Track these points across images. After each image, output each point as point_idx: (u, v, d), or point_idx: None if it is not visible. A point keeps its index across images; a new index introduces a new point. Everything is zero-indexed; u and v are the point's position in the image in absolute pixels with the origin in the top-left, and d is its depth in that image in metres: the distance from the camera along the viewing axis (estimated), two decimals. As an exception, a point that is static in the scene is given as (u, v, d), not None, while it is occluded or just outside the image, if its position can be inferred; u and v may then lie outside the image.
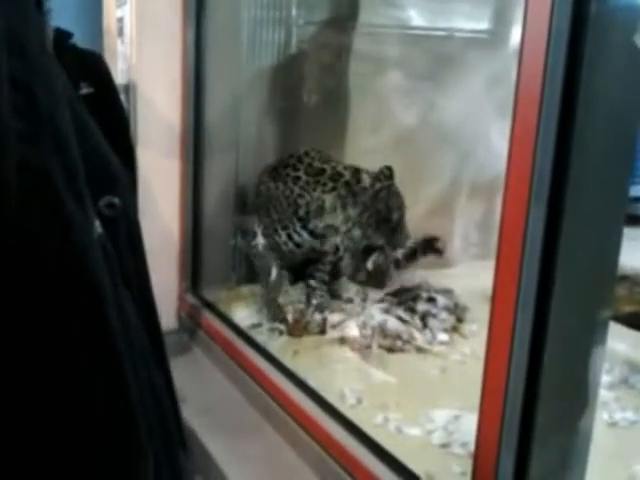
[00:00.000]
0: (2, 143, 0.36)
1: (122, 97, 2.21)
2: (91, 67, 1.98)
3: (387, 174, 2.09)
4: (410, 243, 2.30)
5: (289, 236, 2.13)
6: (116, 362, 0.41)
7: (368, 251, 2.14)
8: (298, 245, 2.14)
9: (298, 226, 2.11)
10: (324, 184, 2.07)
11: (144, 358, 0.49)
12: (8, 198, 0.36)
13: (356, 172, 2.06)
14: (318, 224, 2.08)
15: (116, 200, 0.52)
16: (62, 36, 1.87)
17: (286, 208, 2.11)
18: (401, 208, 2.07)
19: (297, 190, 2.09)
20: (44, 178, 0.38)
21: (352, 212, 2.02)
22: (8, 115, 0.37)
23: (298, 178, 2.10)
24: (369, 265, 2.10)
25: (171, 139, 2.36)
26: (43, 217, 0.38)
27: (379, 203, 2.02)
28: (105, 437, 0.41)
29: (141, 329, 0.50)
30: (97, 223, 0.47)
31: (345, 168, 2.09)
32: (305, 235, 2.11)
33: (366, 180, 2.03)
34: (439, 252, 2.47)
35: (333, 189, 2.05)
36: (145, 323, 0.54)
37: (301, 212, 2.09)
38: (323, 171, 2.09)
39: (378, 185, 2.03)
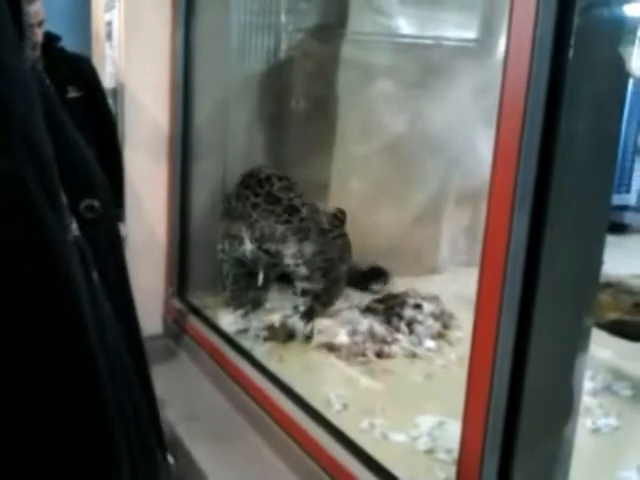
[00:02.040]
0: None
1: (110, 101, 2.21)
2: (79, 71, 1.98)
3: (341, 218, 2.16)
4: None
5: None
6: (90, 363, 0.42)
7: (303, 293, 2.16)
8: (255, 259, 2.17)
9: (254, 245, 2.13)
10: (278, 215, 2.09)
11: (121, 359, 0.49)
12: None
13: (315, 211, 2.09)
14: (271, 246, 2.10)
15: (96, 203, 0.52)
16: (50, 39, 1.86)
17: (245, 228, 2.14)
18: (349, 261, 2.13)
19: (255, 216, 2.11)
20: (19, 187, 0.39)
21: (307, 250, 2.05)
22: None
23: (257, 205, 2.12)
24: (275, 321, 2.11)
25: (159, 143, 2.35)
26: (18, 224, 0.38)
27: (333, 251, 2.04)
28: (78, 440, 0.41)
29: (118, 329, 0.51)
30: (74, 226, 0.47)
31: (303, 204, 2.12)
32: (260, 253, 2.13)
33: (324, 223, 2.08)
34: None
35: (287, 222, 2.07)
36: (124, 323, 0.54)
37: (257, 234, 2.11)
38: (279, 200, 2.11)
39: (336, 231, 2.06)
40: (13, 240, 0.38)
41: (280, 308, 2.21)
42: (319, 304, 2.11)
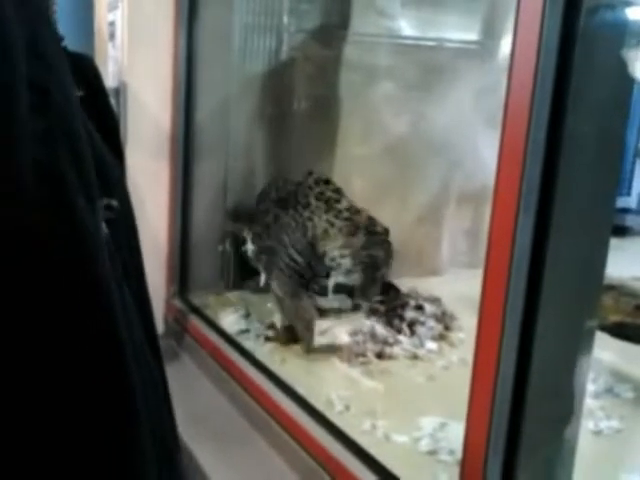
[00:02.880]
0: (18, 143, 0.36)
1: (112, 101, 2.21)
2: (82, 70, 1.97)
3: (384, 234, 2.21)
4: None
5: (291, 257, 2.15)
6: (121, 360, 0.41)
7: (340, 289, 2.19)
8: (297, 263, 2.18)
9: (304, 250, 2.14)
10: (339, 211, 2.15)
11: (144, 355, 0.49)
12: (22, 197, 0.36)
13: (371, 218, 2.17)
14: (319, 248, 2.13)
15: (114, 202, 0.52)
16: (53, 39, 1.87)
17: (295, 232, 2.15)
18: (389, 268, 2.16)
19: (306, 214, 2.14)
20: (58, 179, 0.39)
21: (355, 243, 2.09)
22: (26, 115, 0.37)
23: (309, 204, 2.16)
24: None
25: (161, 143, 2.36)
26: (55, 217, 0.38)
27: (379, 251, 2.09)
28: (108, 436, 0.41)
29: (140, 326, 0.51)
30: (103, 224, 0.47)
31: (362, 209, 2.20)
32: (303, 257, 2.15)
33: (379, 227, 2.14)
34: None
35: (347, 219, 2.13)
36: (142, 320, 0.54)
37: (309, 234, 2.13)
38: (339, 201, 2.19)
39: (384, 237, 2.14)
40: (49, 231, 0.38)
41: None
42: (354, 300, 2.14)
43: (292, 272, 2.11)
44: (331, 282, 2.16)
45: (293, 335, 2.05)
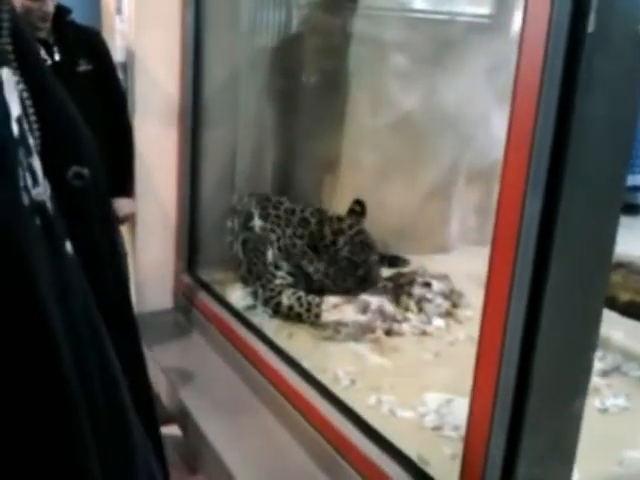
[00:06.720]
0: None
1: (120, 74, 2.20)
2: (90, 44, 1.96)
3: (358, 210, 2.15)
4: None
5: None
6: (47, 339, 0.39)
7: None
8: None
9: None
10: (295, 227, 2.15)
11: (92, 326, 0.46)
12: None
13: (320, 223, 2.11)
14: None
15: (85, 171, 0.50)
16: (61, 12, 1.85)
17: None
18: (367, 260, 2.12)
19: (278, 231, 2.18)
20: None
21: (319, 266, 2.10)
22: None
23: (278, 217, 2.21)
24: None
25: (169, 117, 2.34)
26: None
27: (342, 261, 2.08)
28: (40, 428, 0.39)
29: (90, 297, 0.48)
30: (38, 190, 0.44)
31: (312, 214, 2.16)
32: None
33: (328, 236, 2.08)
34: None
35: (301, 237, 2.13)
36: (114, 294, 0.53)
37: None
38: (294, 212, 2.19)
39: (341, 241, 2.08)
40: None
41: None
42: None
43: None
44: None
45: (298, 315, 2.06)
